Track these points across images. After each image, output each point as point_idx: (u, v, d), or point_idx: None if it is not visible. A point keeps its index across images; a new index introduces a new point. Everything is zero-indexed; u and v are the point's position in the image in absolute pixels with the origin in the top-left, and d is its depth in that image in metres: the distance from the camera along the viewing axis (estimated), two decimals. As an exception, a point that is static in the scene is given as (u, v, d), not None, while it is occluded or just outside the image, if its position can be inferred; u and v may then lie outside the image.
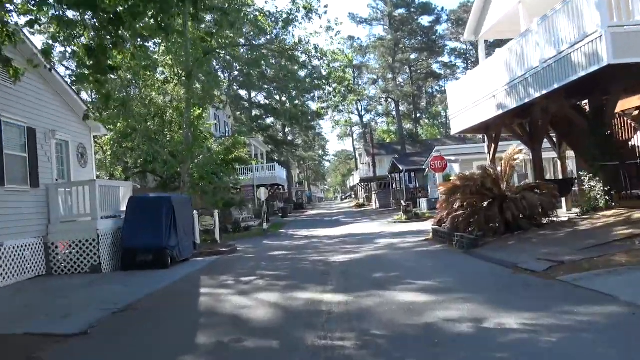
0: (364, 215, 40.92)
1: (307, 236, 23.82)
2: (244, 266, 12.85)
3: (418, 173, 44.38)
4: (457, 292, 6.91)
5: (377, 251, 14.11)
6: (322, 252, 14.91)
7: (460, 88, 17.00)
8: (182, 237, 13.77)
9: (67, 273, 11.99)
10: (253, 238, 24.51)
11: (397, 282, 8.27)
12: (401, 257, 12.17)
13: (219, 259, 15.14)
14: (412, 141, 66.91)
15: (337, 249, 15.67)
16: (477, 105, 15.59)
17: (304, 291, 8.08)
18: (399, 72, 66.18)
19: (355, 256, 13.16)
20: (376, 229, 24.33)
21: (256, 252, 17.00)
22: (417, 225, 23.56)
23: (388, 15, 63.71)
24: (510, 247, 10.60)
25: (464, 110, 16.61)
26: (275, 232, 28.36)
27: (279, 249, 17.43)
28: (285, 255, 15.02)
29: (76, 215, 12.71)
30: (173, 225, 13.16)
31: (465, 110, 16.59)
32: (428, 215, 27.30)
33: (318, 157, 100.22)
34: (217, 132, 34.92)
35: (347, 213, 47.82)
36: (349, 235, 22.30)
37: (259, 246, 19.37)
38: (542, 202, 12.38)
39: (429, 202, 33.86)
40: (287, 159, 65.70)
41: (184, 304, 7.85)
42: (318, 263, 12.26)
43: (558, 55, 10.11)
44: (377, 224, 28.08)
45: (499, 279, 7.81)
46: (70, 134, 13.79)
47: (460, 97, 16.82)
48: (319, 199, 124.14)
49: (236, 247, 17.84)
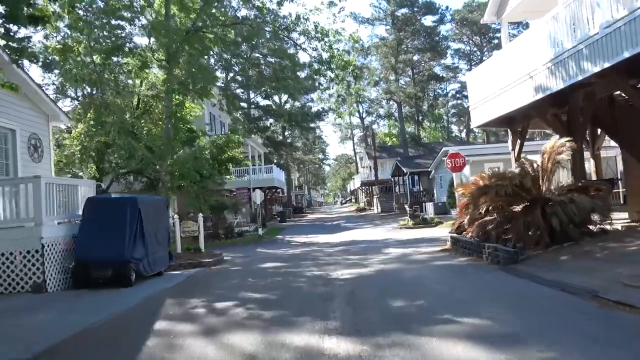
0: (366, 220, 38.49)
1: (305, 243, 21.43)
2: (224, 283, 10.45)
3: (422, 176, 41.98)
4: (531, 343, 4.49)
5: (388, 264, 11.70)
6: (322, 265, 12.52)
7: (483, 74, 14.62)
8: (152, 246, 11.36)
9: (3, 293, 9.57)
10: (246, 245, 22.13)
11: (428, 317, 5.87)
12: (421, 274, 9.77)
13: (199, 272, 12.74)
14: (415, 144, 64.50)
15: (340, 261, 13.28)
16: (504, 92, 13.21)
17: (296, 330, 5.69)
18: (402, 74, 63.85)
19: (363, 271, 10.76)
20: (381, 236, 21.93)
21: (245, 263, 14.61)
22: (427, 232, 21.17)
23: (391, 14, 61.45)
24: (565, 263, 8.21)
25: (487, 99, 14.23)
26: (272, 238, 25.96)
27: (273, 259, 15.04)
28: (278, 268, 12.62)
29: (23, 220, 10.30)
30: (139, 232, 10.75)
31: (489, 98, 14.21)
32: (437, 221, 24.95)
33: (318, 160, 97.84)
34: (212, 132, 32.50)
35: (348, 218, 45.39)
36: (352, 242, 19.90)
37: (251, 255, 16.99)
38: (595, 206, 10.00)
39: (436, 207, 31.52)
40: (287, 161, 63.32)
41: (118, 353, 5.41)
42: (317, 280, 9.86)
43: (631, 15, 7.75)
44: (381, 230, 25.69)
45: (581, 316, 5.37)
46: (17, 122, 11.41)
47: (483, 84, 14.45)
48: (319, 203, 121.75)
49: (223, 257, 15.44)
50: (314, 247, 18.67)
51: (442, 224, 24.35)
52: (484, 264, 10.12)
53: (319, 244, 20.52)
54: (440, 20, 64.09)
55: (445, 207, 31.27)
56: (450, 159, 15.99)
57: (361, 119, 75.85)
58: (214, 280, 11.09)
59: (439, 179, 34.60)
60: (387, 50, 60.72)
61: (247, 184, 34.47)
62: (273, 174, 37.80)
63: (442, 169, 33.56)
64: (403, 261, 12.08)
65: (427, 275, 9.66)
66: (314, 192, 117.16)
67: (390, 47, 60.37)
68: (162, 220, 12.40)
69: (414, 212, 25.40)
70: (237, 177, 35.67)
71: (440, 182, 34.30)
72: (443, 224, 24.40)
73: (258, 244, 22.70)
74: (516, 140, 15.24)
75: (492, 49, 63.57)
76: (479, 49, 64.19)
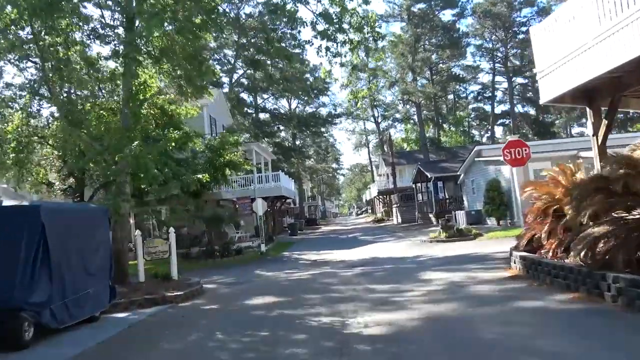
0: (386, 231, 34.04)
1: (316, 262, 17.30)
2: (174, 344, 6.37)
3: (448, 181, 37.58)
4: None
5: (439, 304, 7.50)
6: (335, 302, 8.39)
7: (557, 24, 10.32)
8: (74, 281, 7.37)
9: None
10: (244, 266, 18.10)
11: None
12: (510, 332, 5.57)
13: (157, 313, 8.70)
14: (435, 148, 59.96)
15: (361, 293, 9.16)
16: (592, 47, 8.94)
17: None
18: (420, 73, 59.57)
19: (400, 319, 6.60)
20: (410, 251, 17.69)
21: (229, 296, 10.53)
22: (466, 247, 16.88)
23: (407, 9, 57.39)
24: None
25: (565, 60, 9.96)
26: (277, 255, 21.87)
27: (269, 288, 10.96)
28: (269, 308, 8.51)
29: None
30: (43, 260, 6.75)
31: (567, 60, 9.93)
32: (476, 232, 20.62)
33: (332, 170, 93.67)
34: (208, 134, 28.58)
35: (365, 229, 41.01)
36: (374, 260, 15.75)
37: (243, 282, 12.93)
38: None
39: (469, 215, 27.17)
40: (298, 170, 59.33)
41: None
42: (325, 341, 5.74)
43: None
44: (407, 244, 21.41)
45: None
46: None
47: (558, 41, 10.18)
48: (334, 214, 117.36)
49: (202, 287, 11.37)
50: (326, 269, 14.54)
51: (481, 236, 20.04)
52: (612, 309, 5.90)
53: (332, 263, 16.38)
54: (460, 14, 59.86)
55: (480, 215, 26.90)
56: (508, 148, 11.76)
57: (376, 124, 71.58)
58: (162, 334, 7.01)
59: (470, 184, 30.22)
60: (404, 47, 56.50)
61: (251, 193, 30.30)
62: (280, 182, 33.66)
63: (474, 172, 29.21)
64: (461, 297, 7.86)
65: (521, 334, 5.45)
66: (328, 203, 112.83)
67: (407, 44, 56.19)
68: (97, 239, 8.36)
69: (446, 223, 21.09)
70: (240, 186, 31.83)
71: (472, 187, 29.92)
72: (483, 236, 20.09)
73: (259, 263, 18.62)
74: (599, 122, 10.90)
75: (518, 45, 59.25)
76: (503, 44, 59.70)
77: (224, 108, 38.35)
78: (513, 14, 58.92)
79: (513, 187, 23.82)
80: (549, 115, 65.89)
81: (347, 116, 69.70)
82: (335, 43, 11.03)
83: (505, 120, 71.20)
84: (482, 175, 27.53)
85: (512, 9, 58.39)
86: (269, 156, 38.08)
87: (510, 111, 64.56)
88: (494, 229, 22.53)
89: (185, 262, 20.15)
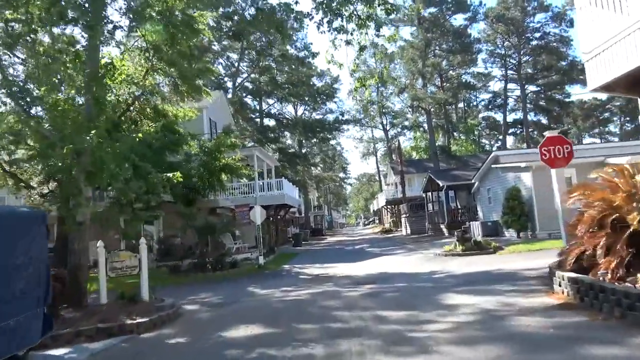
0: (395, 243, 31.89)
1: (317, 277, 15.31)
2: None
3: (460, 191, 35.48)
4: None
5: (475, 347, 5.50)
6: (335, 337, 6.42)
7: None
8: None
9: None
10: (237, 281, 16.19)
11: None
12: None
13: (108, 349, 6.75)
14: (445, 156, 57.81)
15: (369, 324, 7.19)
16: None
17: None
18: (430, 79, 57.64)
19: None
20: (423, 266, 15.66)
21: (206, 324, 8.58)
22: (488, 262, 14.84)
23: (417, 14, 55.65)
24: None
25: (621, 36, 7.99)
26: (276, 269, 19.90)
27: (255, 316, 8.99)
28: (251, 344, 6.54)
29: None
30: None
31: (623, 36, 7.97)
32: (495, 245, 18.56)
33: (339, 179, 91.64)
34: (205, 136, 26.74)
35: (372, 240, 38.86)
36: (383, 277, 13.75)
37: (229, 303, 10.98)
38: None
39: (485, 227, 25.08)
40: (303, 178, 57.42)
41: None
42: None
43: None
44: (419, 258, 19.36)
45: None
46: None
47: (613, 14, 8.21)
48: (341, 224, 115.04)
49: (176, 310, 9.42)
50: (328, 286, 12.55)
51: (502, 250, 17.99)
52: None
53: (336, 278, 14.40)
54: (472, 18, 58.00)
55: (497, 226, 24.83)
56: (547, 146, 9.77)
57: (385, 131, 69.64)
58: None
59: (486, 193, 28.13)
60: (414, 52, 54.67)
61: (252, 201, 28.34)
62: (284, 190, 31.70)
63: (490, 179, 27.14)
64: (503, 336, 5.86)
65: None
66: (335, 213, 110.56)
67: (417, 48, 54.35)
68: (26, 253, 6.44)
69: (462, 234, 19.03)
70: (241, 194, 29.95)
71: (488, 197, 27.83)
72: (504, 249, 18.04)
73: (254, 278, 16.66)
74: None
75: (531, 52, 57.26)
76: (516, 50, 57.69)
77: (226, 112, 36.60)
78: (527, 19, 57.04)
79: (534, 196, 21.80)
80: (561, 125, 63.74)
81: (354, 123, 67.91)
82: (340, 17, 9.17)
83: (517, 130, 69.11)
84: (499, 184, 25.46)
85: (526, 14, 56.52)
86: (273, 162, 36.19)
87: (523, 119, 62.43)
88: (514, 242, 20.47)
89: (173, 276, 18.22)
